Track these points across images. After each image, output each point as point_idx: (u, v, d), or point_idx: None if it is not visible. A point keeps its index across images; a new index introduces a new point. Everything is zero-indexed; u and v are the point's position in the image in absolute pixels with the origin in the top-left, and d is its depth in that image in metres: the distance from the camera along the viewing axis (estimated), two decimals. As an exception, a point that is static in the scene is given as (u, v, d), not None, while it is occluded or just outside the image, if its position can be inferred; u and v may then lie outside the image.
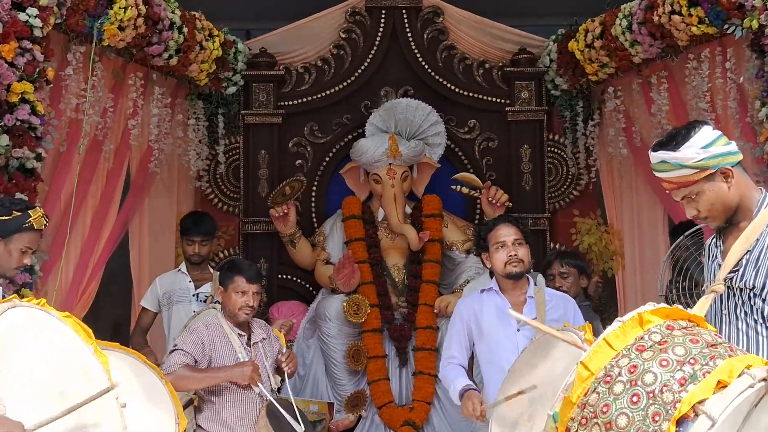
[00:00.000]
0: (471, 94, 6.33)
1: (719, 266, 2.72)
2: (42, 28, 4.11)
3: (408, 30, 6.34)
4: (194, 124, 5.92)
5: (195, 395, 3.95)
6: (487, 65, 6.39)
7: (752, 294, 2.66)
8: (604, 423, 2.04)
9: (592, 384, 2.12)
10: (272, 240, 6.11)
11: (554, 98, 6.30)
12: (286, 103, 6.27)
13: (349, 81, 6.31)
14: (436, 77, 6.31)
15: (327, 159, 6.33)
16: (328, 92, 6.31)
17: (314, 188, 6.30)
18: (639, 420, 2.01)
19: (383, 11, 6.33)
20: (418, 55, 6.33)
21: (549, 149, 6.33)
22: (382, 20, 6.34)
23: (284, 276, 6.17)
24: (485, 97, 6.34)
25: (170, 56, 5.26)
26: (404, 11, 6.33)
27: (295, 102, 6.28)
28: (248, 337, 4.03)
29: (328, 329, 5.70)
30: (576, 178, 6.29)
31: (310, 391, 5.69)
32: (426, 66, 6.32)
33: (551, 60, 6.21)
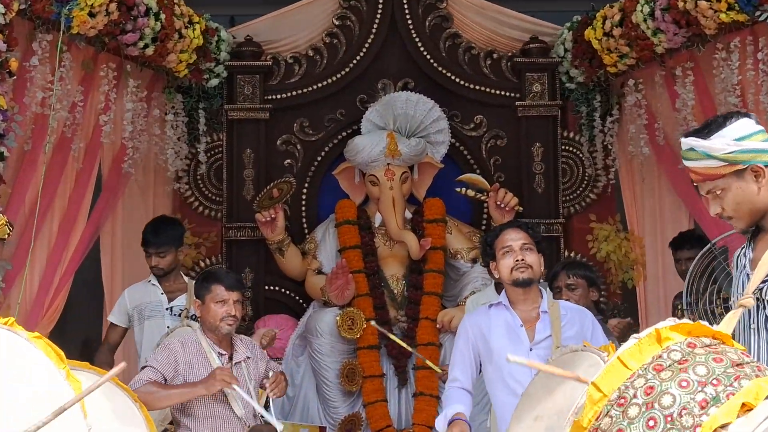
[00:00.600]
0: (477, 87, 6.34)
1: (748, 277, 2.71)
2: (4, 15, 4.13)
3: (408, 16, 6.35)
4: (172, 120, 5.91)
5: (171, 425, 3.95)
6: (496, 55, 6.40)
7: (785, 307, 2.67)
8: (618, 449, 2.06)
9: (605, 407, 2.12)
10: (258, 248, 6.11)
11: (569, 92, 6.30)
12: (274, 97, 6.27)
13: (343, 73, 6.32)
14: (439, 68, 6.33)
15: (319, 158, 6.33)
16: (320, 85, 6.31)
17: (305, 190, 6.30)
18: (656, 446, 2.02)
19: (381, -5, 6.36)
20: (420, 44, 6.34)
21: (563, 148, 6.33)
22: (380, 5, 6.35)
23: (271, 287, 6.17)
24: (493, 91, 6.35)
25: (146, 45, 5.27)
26: (404, -5, 6.36)
27: (284, 95, 6.29)
28: (230, 356, 4.03)
29: (320, 346, 5.71)
30: (593, 180, 6.30)
31: (300, 414, 5.68)
32: (428, 56, 6.33)
33: (566, 50, 6.21)
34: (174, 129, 5.93)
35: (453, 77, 6.33)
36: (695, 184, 2.80)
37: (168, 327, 4.94)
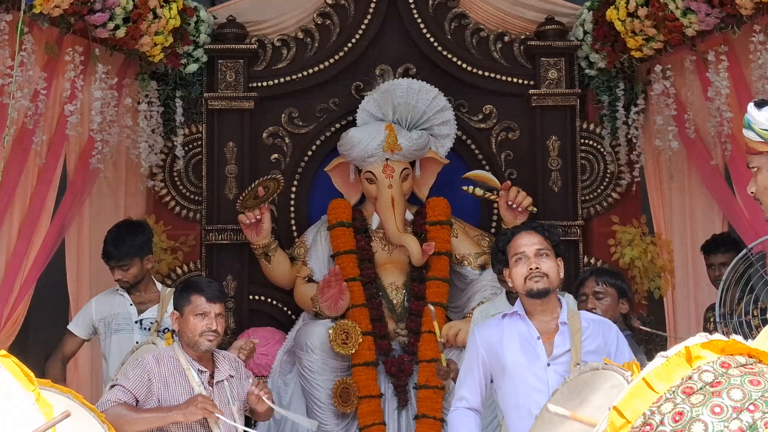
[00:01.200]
0: (486, 74, 6.34)
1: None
2: (-43, -8, 4.12)
3: (410, -6, 6.37)
4: (146, 110, 5.92)
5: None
6: (507, 38, 6.40)
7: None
8: (644, 483, 2.05)
9: (628, 435, 2.12)
10: (242, 253, 6.11)
11: (589, 79, 6.31)
12: (259, 85, 6.27)
13: (337, 57, 6.32)
14: (444, 53, 6.32)
15: (309, 153, 6.33)
16: (311, 71, 6.31)
17: (294, 189, 6.30)
18: (686, 480, 2.02)
19: (379, -29, 6.37)
20: (422, 26, 6.34)
21: (582, 141, 6.34)
22: (378, -18, 6.37)
23: (256, 297, 6.17)
24: (504, 78, 6.35)
25: (116, 26, 5.27)
26: (405, -29, 6.37)
27: (271, 83, 6.29)
28: (211, 374, 4.02)
29: (311, 363, 5.71)
30: (615, 178, 6.30)
31: (288, 439, 5.69)
32: (431, 39, 6.33)
33: (585, 32, 6.21)
34: (148, 120, 5.93)
35: (459, 63, 6.33)
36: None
37: (137, 342, 4.93)
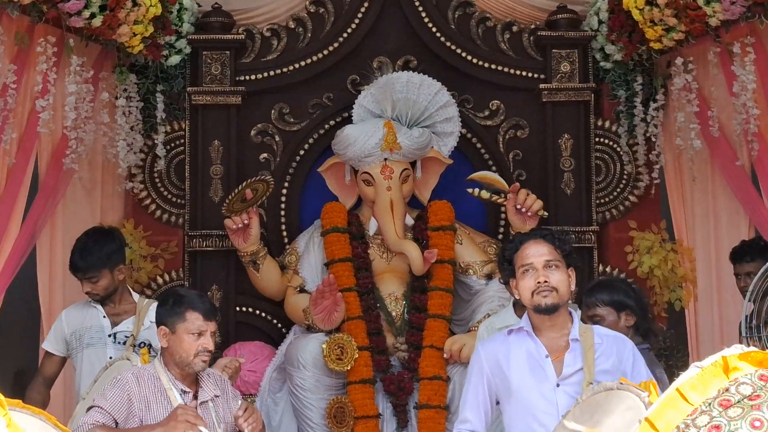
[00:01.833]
0: (493, 67, 6.35)
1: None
2: None
3: (410, -20, 6.38)
4: (124, 106, 5.92)
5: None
6: (516, 28, 6.40)
7: None
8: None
9: (661, 449, 2.12)
10: (228, 260, 6.12)
11: (604, 72, 6.32)
12: (247, 78, 6.27)
13: (331, 49, 6.32)
14: (448, 44, 6.33)
15: (302, 152, 6.34)
16: (303, 64, 6.31)
17: (284, 191, 6.31)
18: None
19: (377, -44, 6.37)
20: (424, 14, 6.34)
21: (597, 140, 6.34)
22: (376, -33, 6.37)
23: (244, 308, 6.17)
24: (512, 71, 6.35)
25: (92, 15, 5.25)
26: (405, -44, 6.37)
27: (260, 76, 6.29)
28: (195, 394, 4.03)
29: (302, 380, 5.70)
30: (633, 179, 6.31)
31: (278, 463, 5.71)
32: (434, 29, 6.33)
33: (600, 21, 6.22)
34: (126, 116, 5.93)
35: (464, 54, 6.33)
36: None
37: (111, 357, 4.93)
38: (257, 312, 6.19)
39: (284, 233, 6.29)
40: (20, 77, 5.13)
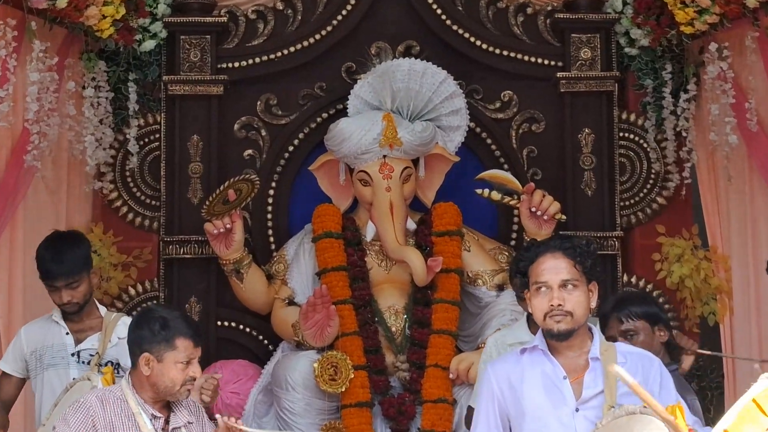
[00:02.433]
0: (505, 54, 6.35)
1: None
2: None
3: (412, -43, 6.39)
4: (93, 97, 5.94)
5: None
6: (530, 10, 6.40)
7: None
8: None
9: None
10: (208, 269, 6.13)
11: (629, 60, 6.32)
12: (230, 66, 6.28)
13: (324, 33, 6.31)
14: (454, 27, 6.32)
15: (291, 149, 6.33)
16: (293, 49, 6.31)
17: (271, 192, 6.31)
18: None
19: (375, -71, 6.39)
20: (428, -5, 6.37)
21: (621, 135, 6.36)
22: (373, -58, 6.39)
23: (226, 323, 6.18)
24: (527, 58, 6.36)
25: (57, -5, 5.29)
26: (406, -71, 6.39)
27: (244, 63, 6.30)
28: (166, 419, 4.03)
29: (291, 403, 5.69)
30: (661, 179, 6.32)
31: (265, 495, 5.67)
32: (438, 10, 6.33)
33: (625, 2, 6.23)
34: (95, 108, 5.95)
35: (472, 39, 6.33)
36: None
37: (73, 379, 4.89)
38: (241, 327, 6.19)
39: (271, 239, 6.29)
40: (-25, 65, 5.15)
